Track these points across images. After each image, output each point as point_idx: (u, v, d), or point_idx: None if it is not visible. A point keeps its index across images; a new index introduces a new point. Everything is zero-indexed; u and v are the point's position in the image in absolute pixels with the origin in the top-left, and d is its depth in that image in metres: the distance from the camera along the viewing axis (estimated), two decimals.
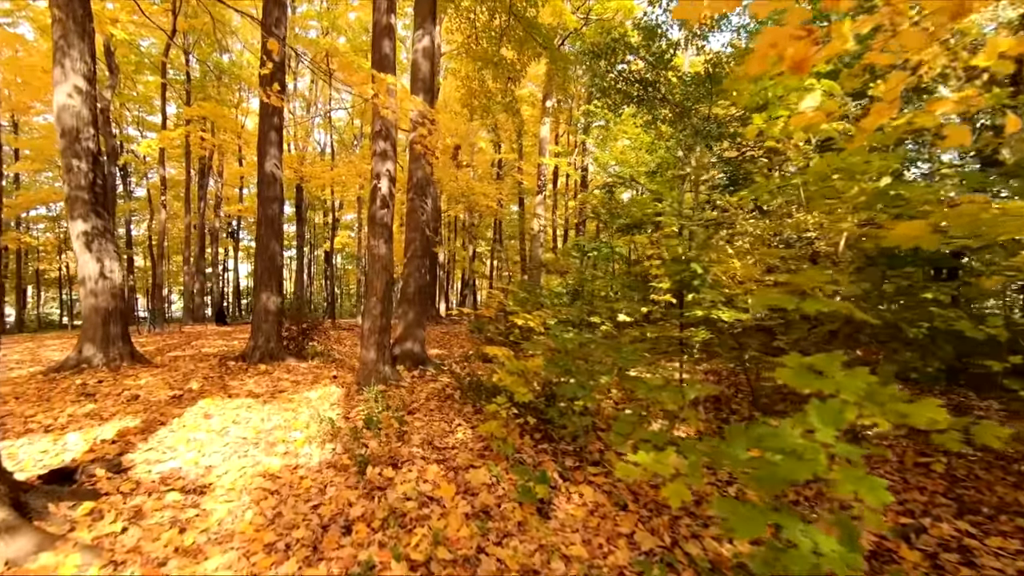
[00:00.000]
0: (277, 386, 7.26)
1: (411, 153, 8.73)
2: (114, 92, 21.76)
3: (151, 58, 25.07)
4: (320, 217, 39.00)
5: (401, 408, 5.67)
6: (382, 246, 7.07)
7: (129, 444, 4.56)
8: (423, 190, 8.67)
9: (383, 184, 7.08)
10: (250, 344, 9.51)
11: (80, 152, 8.43)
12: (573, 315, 7.06)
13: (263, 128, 9.61)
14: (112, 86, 20.92)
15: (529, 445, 4.46)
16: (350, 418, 5.43)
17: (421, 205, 8.63)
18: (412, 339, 8.42)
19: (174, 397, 6.45)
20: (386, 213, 7.10)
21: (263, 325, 9.43)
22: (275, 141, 9.59)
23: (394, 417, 5.22)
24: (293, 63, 24.61)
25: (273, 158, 9.57)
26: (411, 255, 8.56)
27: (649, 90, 12.78)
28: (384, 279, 7.06)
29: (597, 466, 3.97)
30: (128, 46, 24.13)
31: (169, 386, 7.12)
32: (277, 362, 9.35)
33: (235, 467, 4.10)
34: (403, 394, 6.58)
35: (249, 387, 7.19)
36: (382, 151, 7.14)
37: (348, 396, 6.53)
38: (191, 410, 5.79)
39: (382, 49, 7.13)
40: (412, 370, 8.15)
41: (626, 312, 7.16)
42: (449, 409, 5.84)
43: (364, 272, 32.96)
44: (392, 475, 3.86)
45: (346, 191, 28.61)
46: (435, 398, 6.42)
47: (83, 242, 8.46)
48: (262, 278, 9.55)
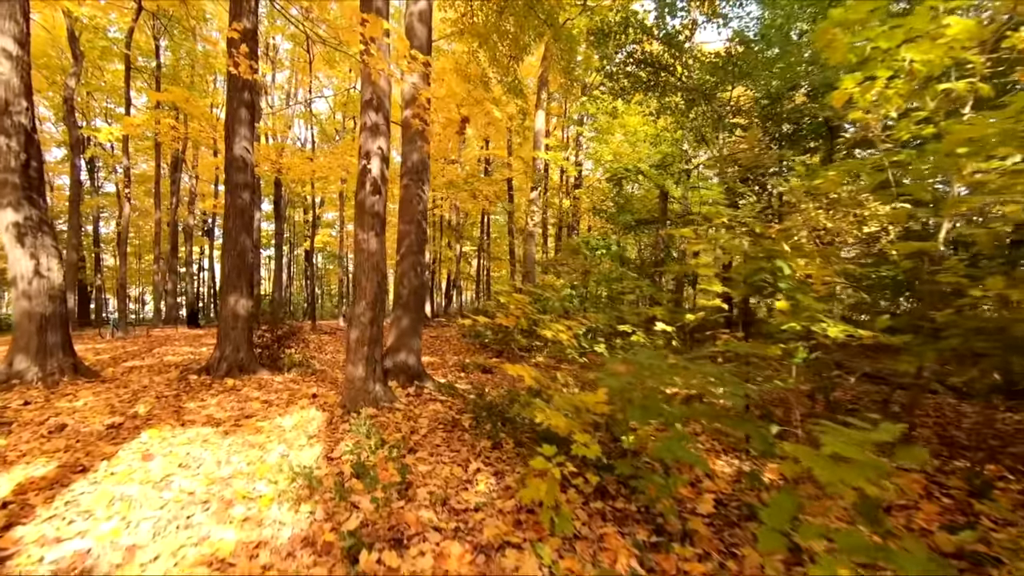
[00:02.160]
0: (244, 409, 5.99)
1: (405, 132, 7.51)
2: (79, 80, 20.21)
3: (118, 43, 23.39)
4: (300, 215, 37.54)
5: (399, 443, 4.46)
6: (373, 240, 5.85)
7: (26, 509, 3.29)
8: (419, 175, 7.45)
9: (374, 165, 5.86)
10: (216, 354, 8.20)
11: (9, 128, 7.07)
12: (602, 323, 5.93)
13: (231, 104, 8.30)
14: (76, 73, 19.44)
15: (576, 501, 3.30)
16: (334, 459, 4.20)
17: (417, 193, 7.41)
18: (406, 350, 7.20)
19: (111, 427, 5.15)
20: (378, 200, 5.88)
21: (231, 332, 8.13)
22: (245, 119, 8.30)
23: (391, 459, 4.01)
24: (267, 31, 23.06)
25: (243, 139, 8.27)
26: (405, 251, 7.33)
27: (662, 74, 11.70)
28: (375, 280, 5.84)
29: (689, 545, 2.81)
30: (94, 31, 22.57)
31: (110, 410, 5.81)
32: (247, 375, 8.06)
33: (170, 547, 2.86)
34: (399, 421, 5.36)
35: (210, 410, 5.91)
36: (373, 125, 5.91)
37: (331, 424, 5.29)
38: (129, 447, 4.52)
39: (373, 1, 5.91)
40: (407, 386, 6.92)
41: (663, 319, 6.03)
42: (459, 443, 4.65)
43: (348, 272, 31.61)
44: (396, 564, 2.66)
45: (327, 187, 27.27)
46: (439, 426, 5.21)
47: (14, 235, 7.10)
48: (230, 278, 8.24)
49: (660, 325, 5.83)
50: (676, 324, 5.96)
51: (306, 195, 30.59)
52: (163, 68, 24.00)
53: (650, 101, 12.99)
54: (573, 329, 4.77)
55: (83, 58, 19.71)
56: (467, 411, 5.70)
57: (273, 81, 27.65)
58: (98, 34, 22.79)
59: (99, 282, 33.30)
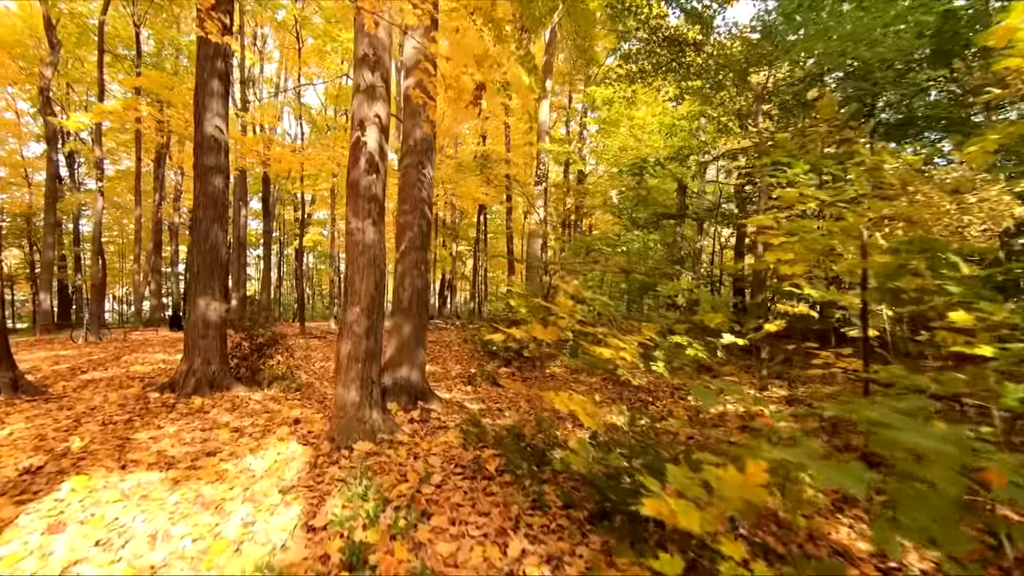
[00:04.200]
0: (208, 441, 4.79)
1: (405, 106, 6.33)
2: (56, 70, 18.95)
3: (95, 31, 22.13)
4: (290, 213, 36.27)
5: (407, 501, 3.29)
6: (369, 230, 4.66)
7: None
8: (423, 156, 6.26)
9: (370, 136, 4.67)
10: (182, 368, 6.97)
11: None
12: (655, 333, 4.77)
13: (201, 74, 7.08)
14: (53, 63, 18.21)
15: None
16: (316, 531, 3.01)
17: (420, 176, 6.23)
18: (408, 363, 6.01)
19: (27, 473, 3.94)
20: (375, 181, 4.69)
21: (200, 342, 6.91)
22: (218, 91, 7.08)
23: (398, 532, 2.85)
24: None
25: (215, 115, 7.05)
26: (407, 246, 6.14)
27: (689, 53, 10.57)
28: (373, 279, 4.66)
29: None
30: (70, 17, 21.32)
31: (37, 444, 4.59)
32: (219, 392, 6.85)
33: None
34: (403, 461, 4.17)
35: (165, 443, 4.70)
36: (368, 87, 4.73)
37: (315, 466, 4.10)
38: (38, 508, 3.31)
39: None
40: (409, 409, 5.74)
41: (720, 326, 4.89)
42: (486, 499, 3.47)
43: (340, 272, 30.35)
44: None
45: (317, 183, 26.06)
46: (457, 471, 4.03)
47: None
48: (200, 277, 7.02)
49: (727, 338, 4.68)
50: (747, 335, 4.83)
51: (296, 192, 29.38)
52: (146, 58, 22.79)
53: (668, 86, 11.89)
54: (628, 347, 3.62)
55: (60, 46, 18.58)
56: (487, 444, 4.54)
57: (261, 73, 26.35)
58: (74, 20, 21.59)
59: (79, 282, 31.86)
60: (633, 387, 8.00)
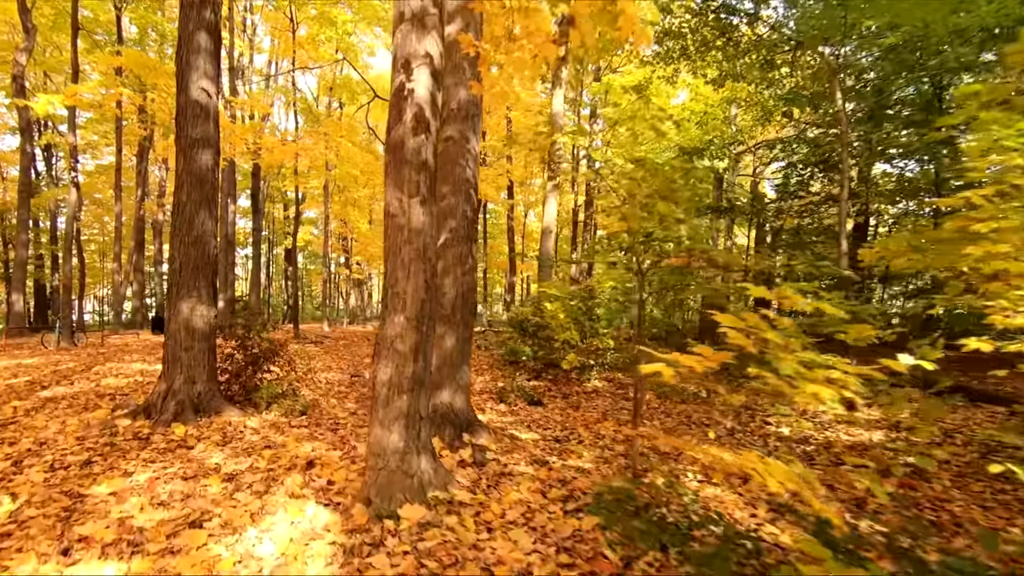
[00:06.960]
0: (190, 500, 3.46)
1: (447, 59, 5.04)
2: (30, 56, 17.50)
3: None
4: (280, 211, 34.79)
5: None
6: (417, 210, 3.36)
7: None
8: (468, 124, 4.97)
9: (419, 81, 3.38)
10: (161, 387, 5.60)
11: None
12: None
13: (185, 27, 5.72)
14: (28, 49, 16.85)
15: None
16: None
17: (464, 151, 4.94)
18: (452, 385, 4.70)
19: None
20: (425, 143, 3.40)
21: (183, 355, 5.55)
22: (205, 48, 5.73)
23: None
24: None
25: (203, 75, 5.70)
26: (449, 237, 4.83)
27: (741, 28, 9.39)
28: (422, 277, 3.36)
29: None
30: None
31: None
32: (207, 416, 5.51)
33: None
34: (477, 540, 2.89)
35: (130, 504, 3.36)
36: (417, 14, 3.43)
37: (350, 552, 2.79)
38: None
39: None
40: (456, 446, 4.44)
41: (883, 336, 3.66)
42: None
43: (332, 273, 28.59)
44: None
45: (309, 181, 24.67)
46: (561, 556, 2.75)
47: None
48: (183, 275, 5.67)
49: (904, 359, 3.40)
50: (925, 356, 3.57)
51: (286, 190, 28.00)
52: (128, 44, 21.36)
53: (709, 68, 10.71)
54: (849, 379, 2.37)
55: (35, 31, 17.29)
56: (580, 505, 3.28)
57: (251, 63, 24.86)
58: (49, 2, 20.13)
59: (57, 282, 30.14)
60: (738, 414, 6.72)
